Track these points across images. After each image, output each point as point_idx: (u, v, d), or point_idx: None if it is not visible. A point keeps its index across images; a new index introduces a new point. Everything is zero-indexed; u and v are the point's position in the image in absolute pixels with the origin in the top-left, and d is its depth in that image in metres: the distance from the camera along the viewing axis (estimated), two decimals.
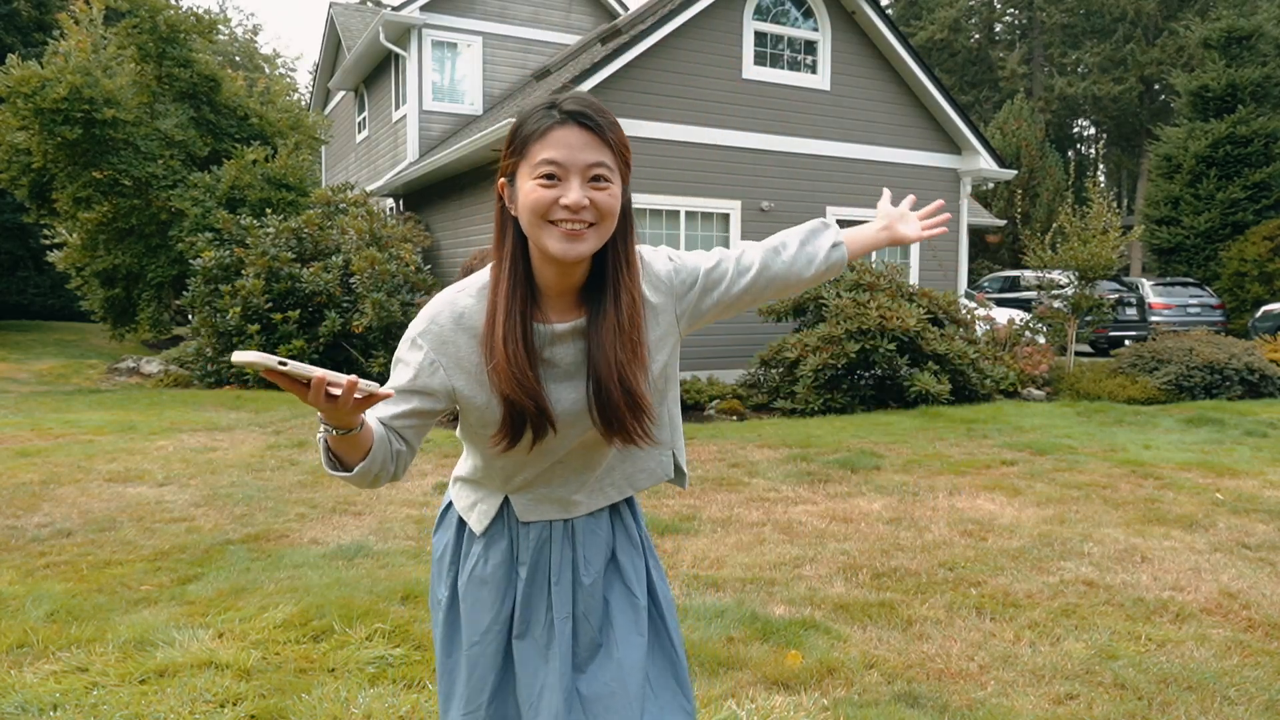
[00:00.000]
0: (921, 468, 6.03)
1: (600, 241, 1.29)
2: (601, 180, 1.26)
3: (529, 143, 1.26)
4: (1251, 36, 21.19)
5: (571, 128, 1.25)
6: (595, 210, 1.25)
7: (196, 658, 2.82)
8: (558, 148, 1.24)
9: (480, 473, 1.48)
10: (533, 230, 1.26)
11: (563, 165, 1.24)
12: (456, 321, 1.33)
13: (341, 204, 12.35)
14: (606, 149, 1.27)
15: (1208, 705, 2.64)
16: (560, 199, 1.23)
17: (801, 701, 2.64)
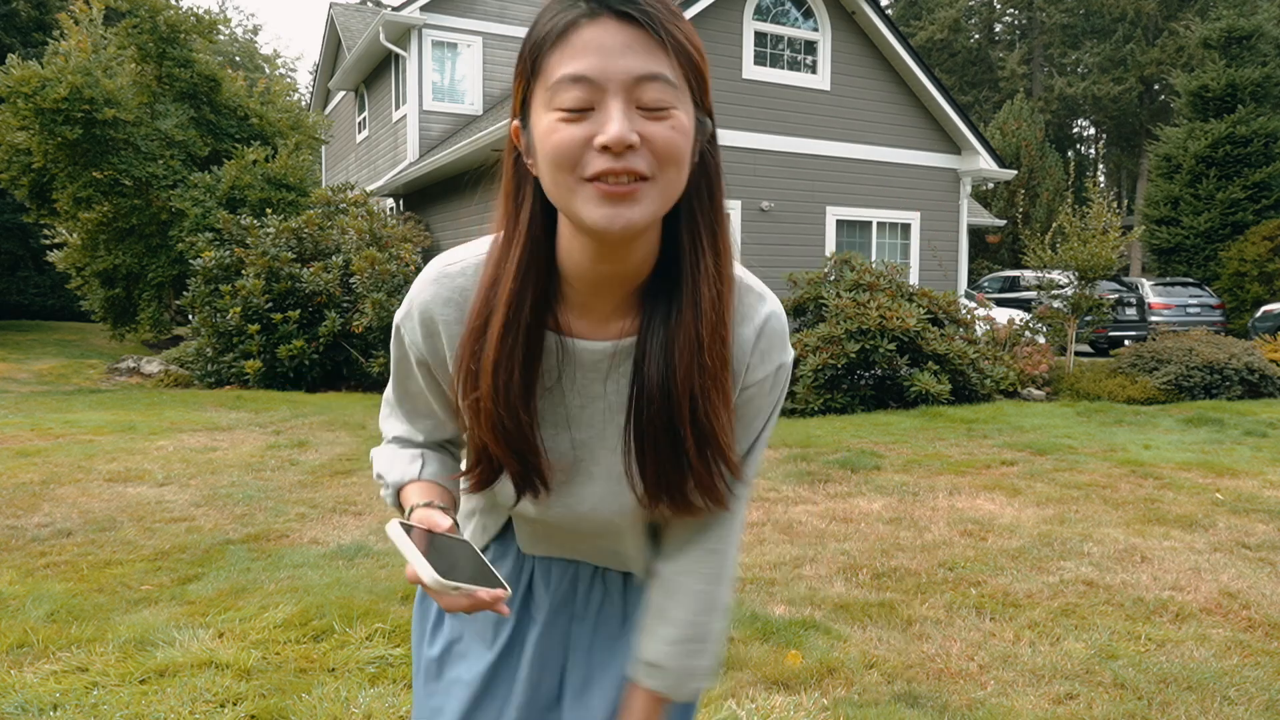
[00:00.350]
0: (921, 468, 6.03)
1: (664, 205, 0.85)
2: (660, 105, 0.82)
3: (544, 51, 0.83)
4: (1251, 36, 21.20)
5: (606, 21, 0.81)
6: (651, 151, 0.81)
7: (197, 657, 2.82)
8: (585, 54, 0.81)
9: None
10: (558, 192, 0.84)
11: (594, 81, 0.80)
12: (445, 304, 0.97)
13: (341, 204, 12.35)
14: (663, 53, 0.82)
15: (1208, 705, 2.64)
16: (595, 137, 0.80)
17: (801, 701, 2.64)
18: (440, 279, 0.98)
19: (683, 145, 0.84)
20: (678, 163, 0.84)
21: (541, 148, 0.84)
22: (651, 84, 0.81)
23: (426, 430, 1.10)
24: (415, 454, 1.09)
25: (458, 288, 0.97)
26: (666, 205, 0.85)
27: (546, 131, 0.82)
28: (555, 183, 0.84)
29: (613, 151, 0.80)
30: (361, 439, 6.81)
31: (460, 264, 0.98)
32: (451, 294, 0.97)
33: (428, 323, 0.98)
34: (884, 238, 12.55)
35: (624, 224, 0.82)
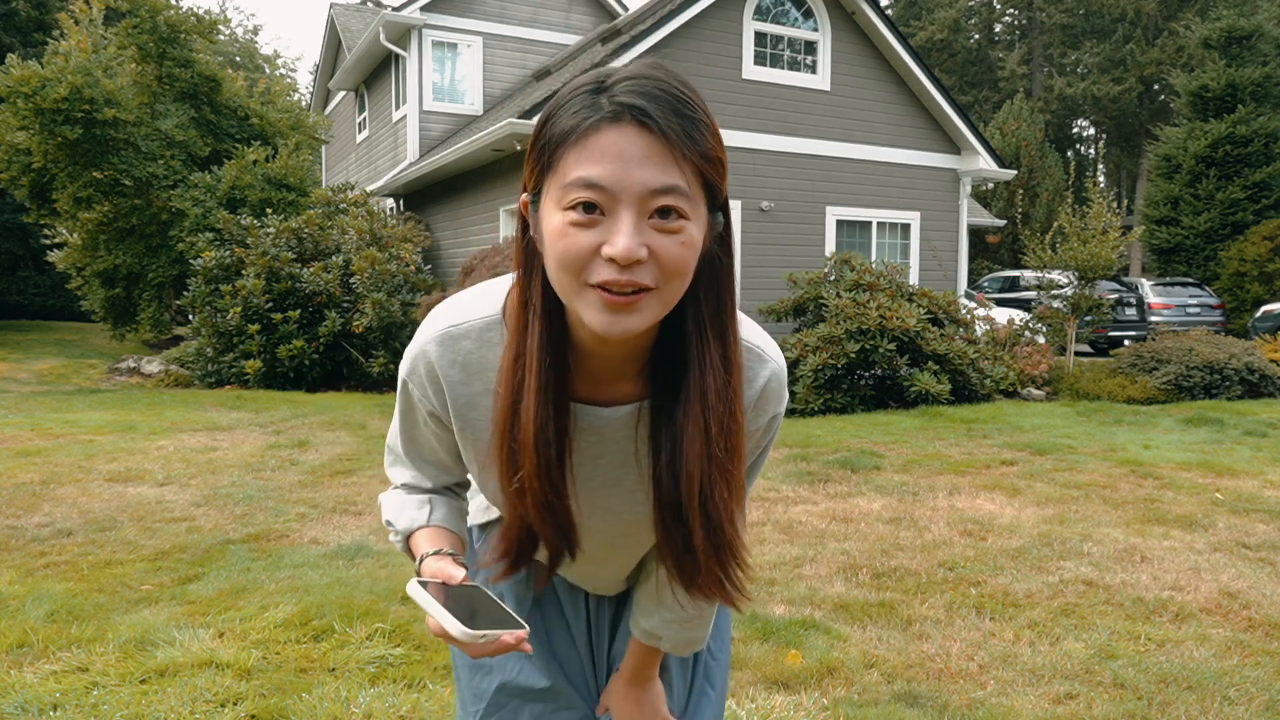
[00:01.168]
0: (921, 468, 6.03)
1: (663, 311, 0.86)
2: (672, 215, 0.82)
3: (560, 147, 0.83)
4: (1251, 36, 21.19)
5: (626, 128, 0.81)
6: (657, 265, 0.82)
7: (197, 657, 2.82)
8: (602, 161, 0.80)
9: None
10: (563, 291, 0.85)
11: (608, 190, 0.80)
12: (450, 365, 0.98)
13: (342, 204, 12.36)
14: (685, 163, 0.82)
15: (1208, 705, 2.64)
16: (603, 246, 0.81)
17: (801, 701, 2.64)
18: (445, 340, 0.98)
19: (689, 260, 0.84)
20: (683, 276, 0.85)
21: (550, 247, 0.84)
22: (666, 197, 0.81)
23: (433, 476, 1.12)
24: (423, 499, 1.11)
25: (463, 350, 0.98)
26: (665, 311, 0.87)
27: (556, 233, 0.83)
28: (560, 281, 0.85)
29: (619, 264, 0.80)
30: (361, 439, 6.82)
31: (465, 325, 0.98)
32: (456, 356, 0.98)
33: (434, 381, 0.99)
34: (884, 238, 12.55)
35: (622, 330, 0.84)
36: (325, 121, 16.47)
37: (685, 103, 0.83)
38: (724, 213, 0.90)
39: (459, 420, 1.01)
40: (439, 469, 1.12)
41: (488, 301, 0.99)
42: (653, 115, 0.81)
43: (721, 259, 0.91)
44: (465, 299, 1.01)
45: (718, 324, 0.91)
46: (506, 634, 0.89)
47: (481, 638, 0.88)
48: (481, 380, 0.98)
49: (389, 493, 1.16)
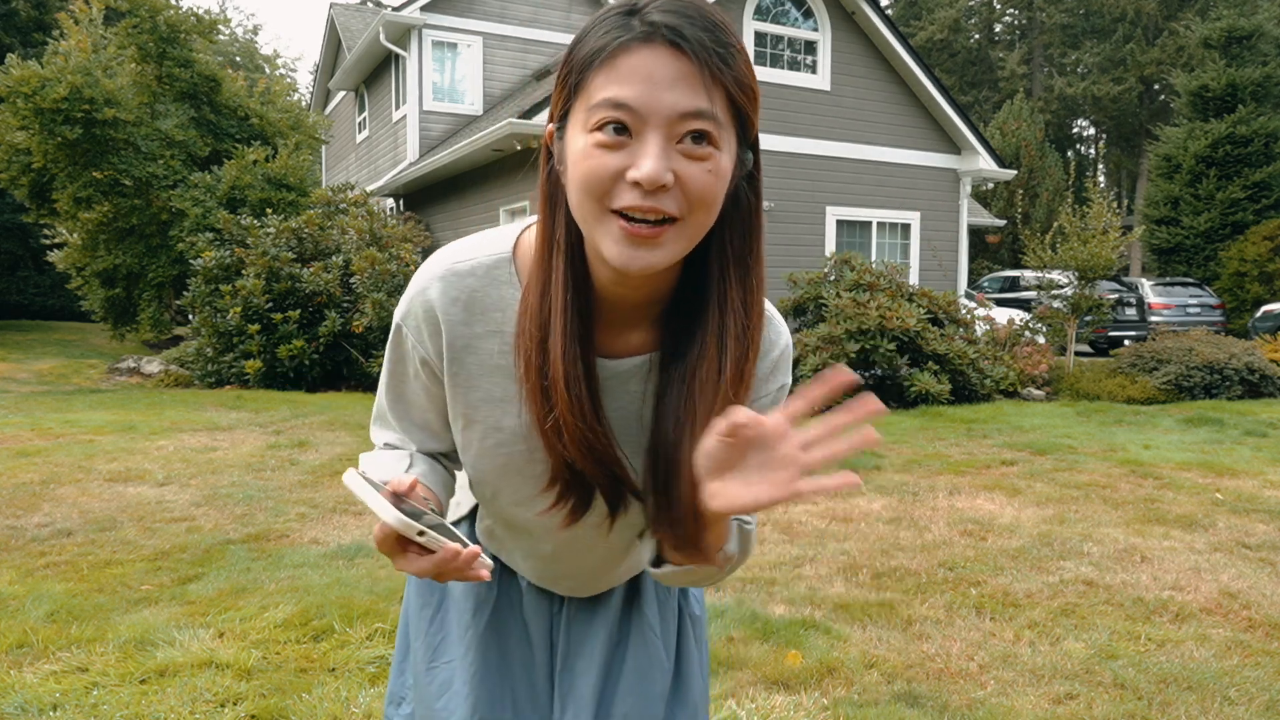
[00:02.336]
0: (921, 468, 6.03)
1: (687, 246, 0.82)
2: (702, 141, 0.78)
3: (589, 69, 0.79)
4: (1251, 36, 21.20)
5: (657, 49, 0.77)
6: (683, 193, 0.78)
7: (197, 657, 2.82)
8: (631, 81, 0.76)
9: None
10: (583, 217, 0.82)
11: (637, 111, 0.76)
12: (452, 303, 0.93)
13: (342, 204, 12.35)
14: (716, 88, 0.79)
15: (1208, 705, 2.64)
16: (628, 170, 0.77)
17: (801, 701, 2.64)
18: (449, 276, 0.93)
19: (718, 190, 0.81)
20: (709, 207, 0.81)
21: (573, 169, 0.81)
22: (696, 121, 0.77)
23: (419, 440, 1.06)
24: (403, 455, 1.04)
25: (467, 288, 0.93)
26: (689, 247, 0.82)
27: (581, 155, 0.79)
28: (581, 207, 0.81)
29: (644, 189, 0.77)
30: (362, 439, 6.81)
31: (470, 262, 0.93)
32: (460, 294, 0.93)
33: (431, 320, 0.94)
34: (884, 238, 12.55)
35: (642, 265, 0.80)
36: (325, 121, 16.48)
37: (720, 28, 0.80)
38: (754, 150, 0.86)
39: (452, 365, 0.95)
40: (426, 432, 1.05)
41: (494, 241, 0.95)
42: (686, 36, 0.77)
43: (750, 197, 0.87)
44: (469, 240, 0.96)
45: (742, 265, 0.87)
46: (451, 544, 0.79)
47: (421, 534, 0.77)
48: (484, 321, 0.93)
49: (367, 455, 1.08)
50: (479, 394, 0.96)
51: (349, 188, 13.09)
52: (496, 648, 1.17)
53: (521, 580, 1.19)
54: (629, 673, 1.15)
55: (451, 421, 1.01)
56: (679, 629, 1.23)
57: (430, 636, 1.21)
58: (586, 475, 0.92)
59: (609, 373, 0.93)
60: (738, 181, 0.85)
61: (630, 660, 1.16)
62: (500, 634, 1.18)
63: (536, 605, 1.19)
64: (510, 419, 0.95)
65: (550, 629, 1.19)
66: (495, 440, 0.97)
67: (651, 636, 1.18)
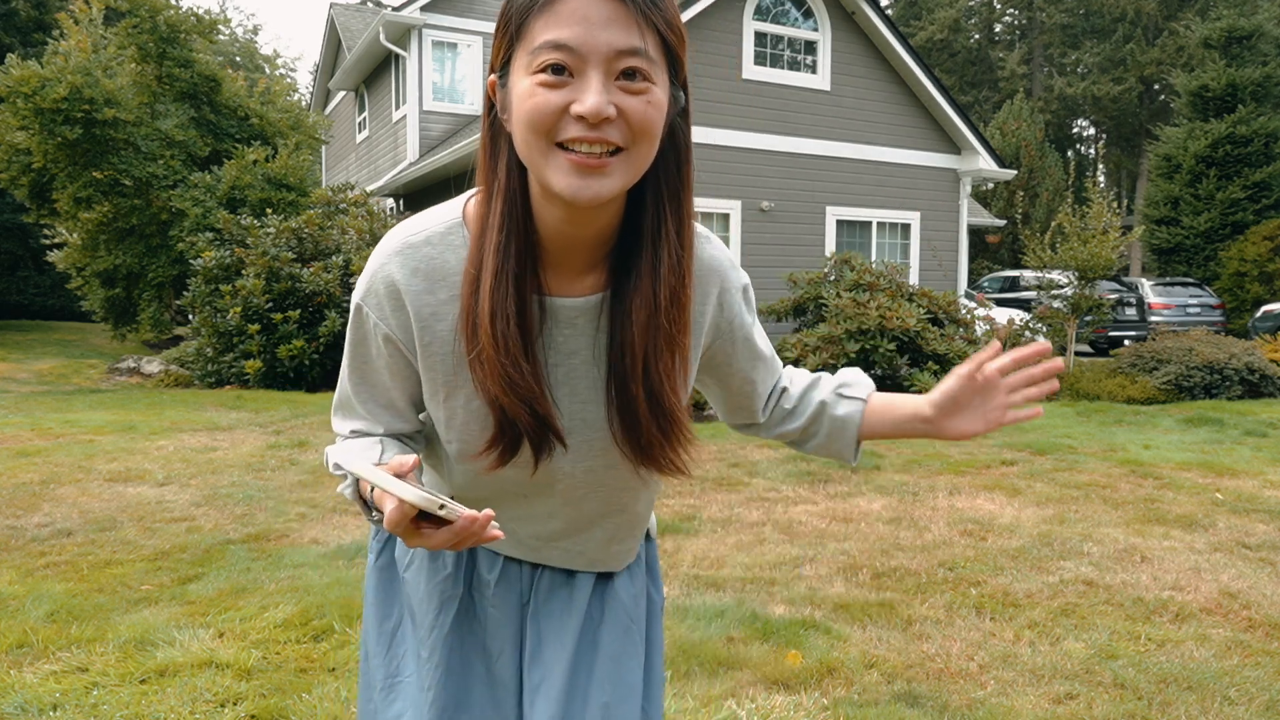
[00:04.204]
0: (921, 468, 6.03)
1: (633, 176, 0.87)
2: (637, 77, 0.83)
3: (528, 16, 0.84)
4: (1251, 36, 21.20)
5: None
6: (626, 124, 0.83)
7: (197, 657, 2.82)
8: (569, 23, 0.81)
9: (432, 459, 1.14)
10: (530, 155, 0.86)
11: (576, 51, 0.81)
12: (413, 274, 0.95)
13: (342, 204, 12.35)
14: (648, 28, 0.83)
15: (1208, 705, 2.64)
16: (571, 105, 0.82)
17: (801, 701, 2.64)
18: (405, 249, 0.96)
19: (657, 120, 0.86)
20: (650, 137, 0.86)
21: (518, 109, 0.85)
22: (632, 58, 0.83)
23: (386, 422, 1.06)
24: (374, 441, 1.05)
25: (424, 256, 0.96)
26: (635, 176, 0.87)
27: (525, 94, 0.84)
28: (528, 144, 0.85)
29: (589, 122, 0.82)
30: None
31: (425, 232, 0.96)
32: (419, 264, 0.96)
33: (394, 295, 0.96)
34: (884, 238, 12.55)
35: (592, 195, 0.84)
36: (325, 121, 16.48)
37: None
38: (684, 90, 0.91)
39: (423, 335, 0.97)
40: (392, 413, 1.06)
41: (445, 210, 0.98)
42: None
43: (683, 130, 0.92)
44: (420, 215, 1.00)
45: (675, 198, 0.93)
46: (473, 512, 0.81)
47: (441, 507, 0.78)
48: (446, 287, 0.95)
49: (336, 444, 1.08)
50: (457, 357, 0.97)
51: (349, 188, 13.09)
52: (460, 650, 1.15)
53: (489, 572, 1.16)
54: (605, 659, 1.14)
55: (431, 398, 1.02)
56: (649, 616, 1.22)
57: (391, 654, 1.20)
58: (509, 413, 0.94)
59: (559, 311, 0.96)
60: (671, 117, 0.90)
61: (606, 647, 1.14)
62: (464, 635, 1.16)
63: (505, 597, 1.16)
64: None
65: (520, 621, 1.17)
66: (481, 400, 0.98)
67: (628, 623, 1.17)
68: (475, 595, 1.17)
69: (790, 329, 10.47)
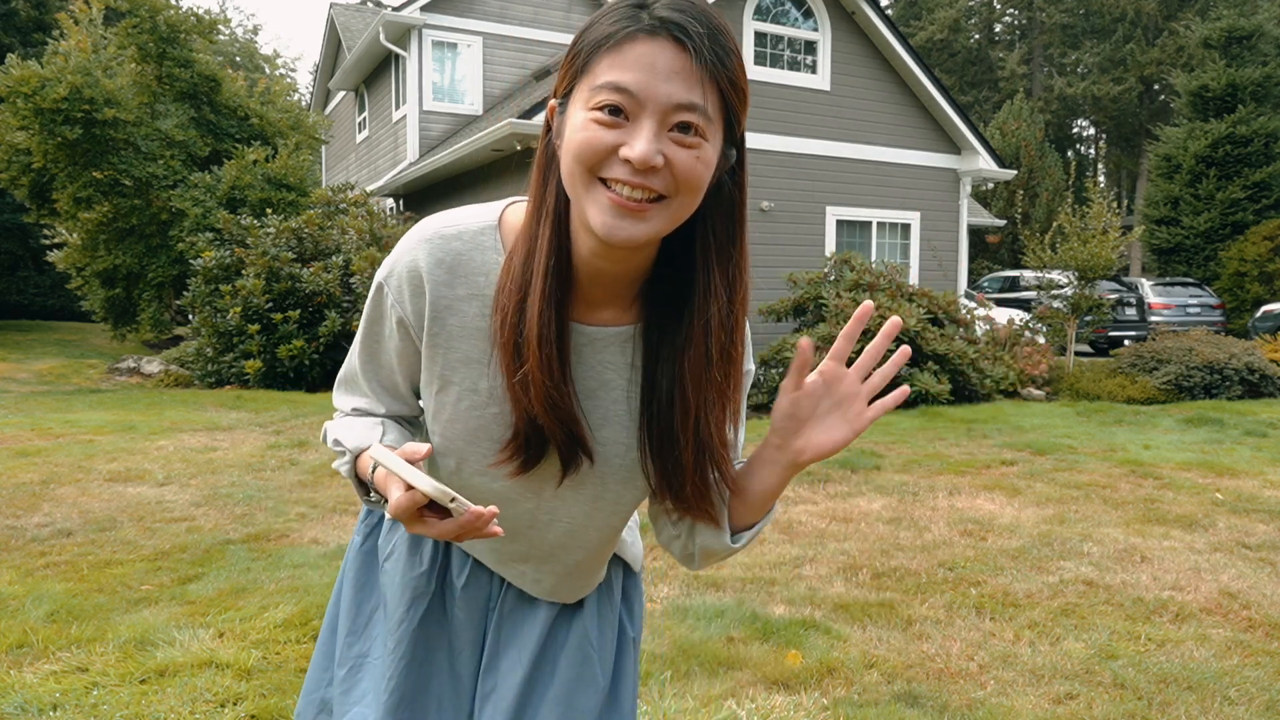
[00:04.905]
0: (921, 468, 6.03)
1: (669, 225, 0.88)
2: (691, 132, 0.84)
3: (595, 53, 0.85)
4: (1251, 36, 21.20)
5: (661, 42, 0.83)
6: (671, 175, 0.84)
7: (197, 657, 2.82)
8: (634, 69, 0.82)
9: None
10: (573, 185, 0.87)
11: (635, 96, 0.82)
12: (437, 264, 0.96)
13: (342, 204, 12.35)
14: (710, 85, 0.84)
15: (1208, 705, 2.64)
16: (621, 148, 0.83)
17: (801, 701, 2.64)
18: (436, 239, 0.97)
19: (703, 176, 0.86)
20: (694, 191, 0.87)
21: (570, 139, 0.86)
22: (688, 113, 0.83)
23: (388, 404, 1.09)
24: (375, 421, 1.07)
25: (453, 251, 0.96)
26: (671, 226, 0.88)
27: (579, 126, 0.85)
28: (573, 175, 0.87)
29: (634, 167, 0.83)
30: None
31: (458, 228, 0.97)
32: (445, 256, 0.96)
33: (415, 281, 0.97)
34: (884, 238, 12.55)
35: (626, 236, 0.85)
36: (325, 121, 16.47)
37: (721, 31, 0.86)
38: (739, 149, 0.92)
39: (433, 325, 0.98)
40: (394, 397, 1.08)
41: (482, 211, 1.00)
42: (690, 33, 0.83)
43: (734, 190, 0.93)
44: (457, 210, 1.01)
45: (725, 252, 0.93)
46: (479, 508, 0.83)
47: (452, 500, 0.81)
48: (467, 285, 0.97)
49: (336, 419, 1.11)
50: (458, 355, 0.99)
51: (349, 188, 13.09)
52: (424, 644, 1.16)
53: (458, 577, 1.17)
54: (560, 684, 1.14)
55: (425, 386, 1.03)
56: (618, 649, 1.21)
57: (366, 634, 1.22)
58: (545, 431, 0.96)
59: (584, 338, 0.98)
60: (721, 174, 0.91)
61: (563, 671, 1.14)
62: (430, 630, 1.17)
63: (472, 600, 1.17)
64: (486, 381, 0.99)
65: (483, 625, 1.18)
66: (470, 402, 1.00)
67: (589, 651, 1.16)
68: (446, 594, 1.18)
69: (790, 329, 10.47)
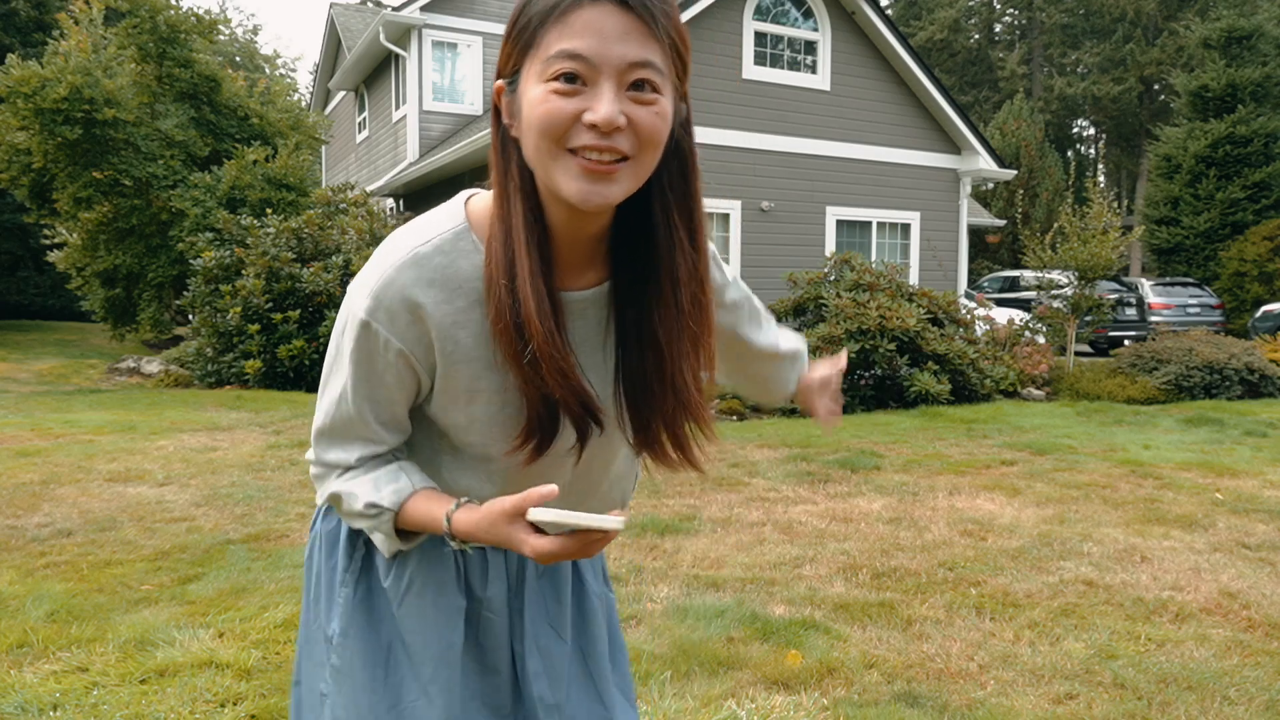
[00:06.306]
0: (921, 468, 6.03)
1: (637, 182, 0.90)
2: (647, 88, 0.86)
3: (542, 26, 0.86)
4: (1251, 36, 21.20)
5: (605, 6, 0.85)
6: (634, 134, 0.87)
7: (197, 657, 2.82)
8: (584, 35, 0.84)
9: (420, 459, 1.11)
10: (540, 160, 0.88)
11: (590, 61, 0.84)
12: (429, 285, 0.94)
13: (342, 204, 12.35)
14: (658, 40, 0.87)
15: (1208, 705, 2.64)
16: (584, 113, 0.85)
17: (801, 701, 2.64)
18: (417, 260, 0.94)
19: (663, 130, 0.89)
20: (656, 145, 0.89)
21: (530, 115, 0.87)
22: (643, 70, 0.86)
23: (389, 437, 1.04)
24: (393, 470, 1.03)
25: (437, 266, 0.94)
26: (639, 183, 0.90)
27: (537, 100, 0.86)
28: (538, 149, 0.88)
29: (600, 130, 0.84)
30: None
31: (433, 241, 0.95)
32: (433, 274, 0.94)
33: (411, 309, 0.94)
34: (884, 238, 12.55)
35: (600, 200, 0.87)
36: (325, 121, 16.47)
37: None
38: (685, 102, 0.96)
39: (445, 345, 0.96)
40: (399, 429, 1.04)
41: (447, 216, 0.98)
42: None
43: (686, 143, 0.96)
44: (418, 223, 0.98)
45: (685, 208, 0.96)
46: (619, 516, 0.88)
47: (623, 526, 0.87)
48: (463, 295, 0.95)
49: (343, 481, 1.03)
50: (480, 363, 0.98)
51: (349, 188, 13.09)
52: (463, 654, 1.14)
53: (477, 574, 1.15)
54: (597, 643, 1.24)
55: (449, 405, 1.01)
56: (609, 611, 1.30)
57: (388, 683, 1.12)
58: (560, 406, 0.96)
59: (571, 304, 0.99)
60: (673, 128, 0.93)
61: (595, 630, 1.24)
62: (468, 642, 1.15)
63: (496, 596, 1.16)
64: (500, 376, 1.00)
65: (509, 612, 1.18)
66: (501, 401, 1.00)
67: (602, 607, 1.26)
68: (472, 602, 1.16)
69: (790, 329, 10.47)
